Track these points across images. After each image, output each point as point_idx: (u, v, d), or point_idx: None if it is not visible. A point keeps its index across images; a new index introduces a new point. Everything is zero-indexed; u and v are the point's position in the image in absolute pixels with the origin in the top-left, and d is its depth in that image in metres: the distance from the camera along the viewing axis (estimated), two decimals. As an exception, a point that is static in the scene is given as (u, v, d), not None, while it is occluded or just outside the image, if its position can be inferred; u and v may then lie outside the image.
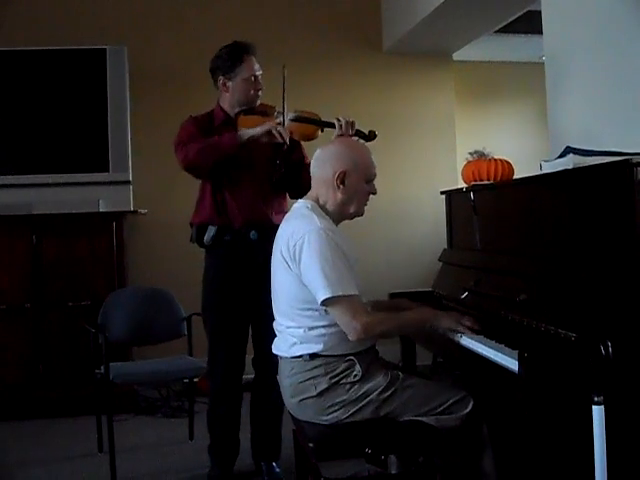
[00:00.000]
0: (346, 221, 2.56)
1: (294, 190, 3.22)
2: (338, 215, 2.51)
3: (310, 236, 2.32)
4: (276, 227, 2.58)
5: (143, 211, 4.75)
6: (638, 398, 1.89)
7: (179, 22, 5.22)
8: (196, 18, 5.23)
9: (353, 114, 3.15)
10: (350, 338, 2.30)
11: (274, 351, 2.53)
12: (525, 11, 4.78)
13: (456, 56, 5.81)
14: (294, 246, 2.34)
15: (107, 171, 4.63)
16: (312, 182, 2.54)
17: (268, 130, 3.05)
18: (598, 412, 1.75)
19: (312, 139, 3.23)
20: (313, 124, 3.21)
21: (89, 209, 4.58)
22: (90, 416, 3.82)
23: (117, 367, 3.58)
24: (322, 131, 3.22)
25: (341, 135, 3.03)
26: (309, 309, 2.36)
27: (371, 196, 2.54)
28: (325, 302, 2.28)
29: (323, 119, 3.21)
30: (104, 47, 4.67)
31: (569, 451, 2.02)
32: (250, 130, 3.07)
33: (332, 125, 3.14)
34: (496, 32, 5.39)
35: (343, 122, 3.09)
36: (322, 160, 2.50)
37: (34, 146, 4.66)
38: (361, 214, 2.55)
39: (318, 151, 2.55)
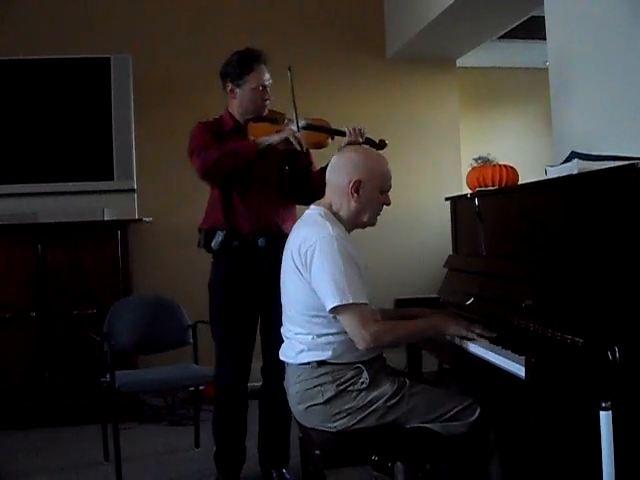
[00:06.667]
0: (352, 227, 2.55)
1: (300, 196, 3.23)
2: (351, 223, 2.49)
3: (322, 243, 2.31)
4: (284, 235, 2.58)
5: (148, 219, 4.75)
6: (646, 403, 1.88)
7: (183, 31, 5.23)
8: (200, 27, 5.24)
9: (357, 120, 3.15)
10: (359, 347, 2.28)
11: (281, 357, 2.52)
12: (529, 17, 4.78)
13: (460, 62, 5.81)
14: (306, 252, 2.33)
15: (112, 179, 4.63)
16: (327, 188, 2.52)
17: (286, 137, 3.03)
18: (606, 418, 1.73)
19: (322, 147, 3.23)
20: (323, 132, 3.21)
21: (94, 217, 4.58)
22: (96, 424, 3.81)
23: (122, 375, 3.57)
24: (332, 139, 3.22)
25: (351, 143, 3.02)
26: (318, 316, 2.34)
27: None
28: (334, 310, 2.27)
29: (332, 127, 3.21)
30: (108, 56, 4.68)
31: (577, 457, 2.01)
32: (268, 138, 3.05)
33: (342, 133, 3.15)
34: (500, 38, 5.40)
35: (352, 130, 3.10)
36: (338, 167, 2.49)
37: (39, 155, 4.66)
38: (373, 224, 2.53)
39: (335, 158, 2.53)
